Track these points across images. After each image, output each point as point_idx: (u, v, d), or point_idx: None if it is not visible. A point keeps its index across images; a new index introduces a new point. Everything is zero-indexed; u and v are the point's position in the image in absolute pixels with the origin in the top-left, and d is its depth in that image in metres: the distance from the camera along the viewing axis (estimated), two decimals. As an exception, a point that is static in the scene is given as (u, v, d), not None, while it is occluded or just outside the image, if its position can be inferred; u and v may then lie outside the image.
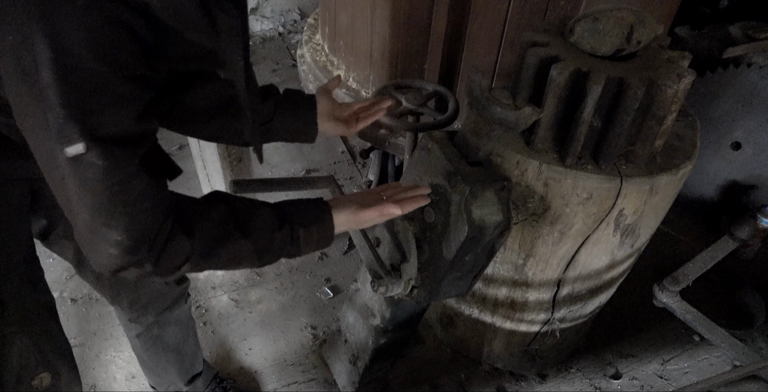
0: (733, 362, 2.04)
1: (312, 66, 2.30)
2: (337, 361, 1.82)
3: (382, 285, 1.21)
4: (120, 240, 0.80)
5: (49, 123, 0.72)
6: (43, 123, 0.73)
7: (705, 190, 2.57)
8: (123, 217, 0.79)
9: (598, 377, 2.01)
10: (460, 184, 1.11)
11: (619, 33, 1.20)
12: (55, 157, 0.74)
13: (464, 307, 1.82)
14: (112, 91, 0.73)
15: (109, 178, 0.76)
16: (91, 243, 0.82)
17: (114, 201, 0.78)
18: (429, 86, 1.68)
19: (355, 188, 2.67)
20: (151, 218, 0.82)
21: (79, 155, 0.73)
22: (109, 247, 0.81)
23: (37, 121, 0.74)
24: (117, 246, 0.81)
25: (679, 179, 1.35)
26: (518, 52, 1.34)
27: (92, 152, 0.73)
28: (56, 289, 2.18)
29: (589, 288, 1.63)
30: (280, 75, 3.44)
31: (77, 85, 0.70)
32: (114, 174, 0.76)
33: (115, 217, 0.79)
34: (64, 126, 0.72)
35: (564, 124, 1.30)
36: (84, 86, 0.71)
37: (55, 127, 0.72)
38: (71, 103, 0.71)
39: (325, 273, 2.31)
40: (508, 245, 1.51)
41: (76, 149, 0.73)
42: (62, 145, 0.73)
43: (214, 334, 2.08)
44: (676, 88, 1.18)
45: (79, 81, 0.70)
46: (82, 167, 0.74)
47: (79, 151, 0.73)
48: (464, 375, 1.99)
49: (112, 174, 0.76)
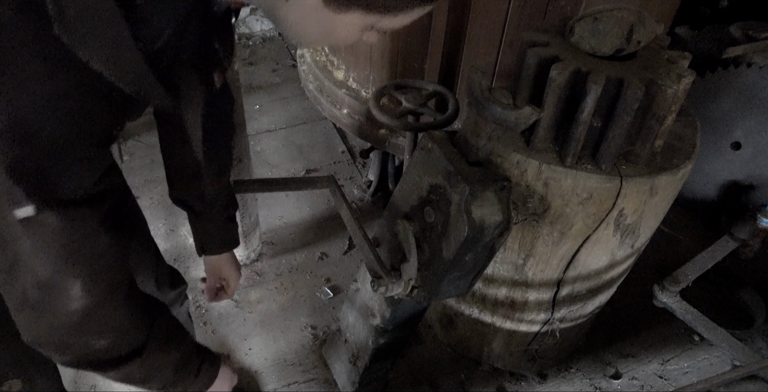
0: (733, 362, 2.04)
1: (312, 66, 2.31)
2: (337, 361, 1.82)
3: (382, 285, 1.21)
4: (80, 296, 0.77)
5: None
6: None
7: (705, 190, 2.57)
8: (82, 275, 0.76)
9: (598, 377, 2.01)
10: (460, 183, 1.11)
11: (619, 33, 1.20)
12: (4, 217, 0.69)
13: (464, 307, 1.82)
14: (73, 154, 0.70)
15: (66, 236, 0.73)
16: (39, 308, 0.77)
17: (72, 259, 0.75)
18: (429, 86, 1.68)
19: (355, 188, 2.67)
20: (114, 274, 0.80)
21: (29, 217, 0.69)
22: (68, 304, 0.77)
23: None
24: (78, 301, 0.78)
25: (679, 179, 1.35)
26: (518, 52, 1.34)
27: (44, 214, 0.70)
28: (56, 289, 2.18)
29: (589, 288, 1.63)
30: (280, 75, 3.44)
31: (30, 150, 0.67)
32: (73, 232, 0.73)
33: (72, 274, 0.76)
34: (11, 190, 0.67)
35: (564, 124, 1.30)
36: (38, 149, 0.67)
37: (2, 189, 0.67)
38: (16, 166, 0.66)
39: (325, 273, 2.31)
40: (508, 245, 1.51)
41: (25, 212, 0.69)
42: (10, 207, 0.68)
43: (214, 334, 2.08)
44: (676, 88, 1.18)
45: (32, 147, 0.66)
46: (35, 227, 0.71)
47: (28, 214, 0.69)
48: (464, 375, 1.99)
49: (70, 232, 0.73)
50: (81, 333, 0.81)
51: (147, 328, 0.89)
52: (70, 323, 0.79)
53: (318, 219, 2.53)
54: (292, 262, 2.35)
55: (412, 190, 1.26)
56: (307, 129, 3.04)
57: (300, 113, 3.13)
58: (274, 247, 2.40)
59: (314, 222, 2.52)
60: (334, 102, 2.23)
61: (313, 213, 2.56)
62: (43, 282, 0.75)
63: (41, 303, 0.77)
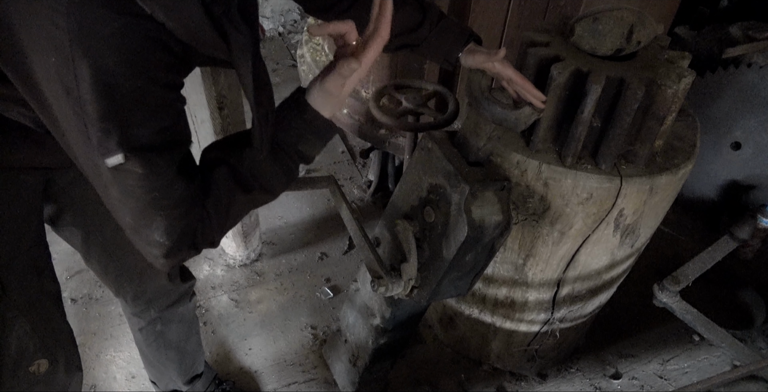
0: (733, 362, 2.04)
1: (312, 66, 2.30)
2: (337, 361, 1.82)
3: (382, 285, 1.21)
4: (161, 242, 0.86)
5: (90, 136, 0.77)
6: (85, 136, 0.77)
7: (705, 190, 2.57)
8: (163, 221, 0.85)
9: (598, 377, 2.01)
10: (460, 183, 1.11)
11: (619, 33, 1.20)
12: (98, 167, 0.79)
13: (464, 307, 1.82)
14: (149, 103, 0.78)
15: (148, 184, 0.81)
16: (137, 243, 0.89)
17: (154, 206, 0.83)
18: (429, 86, 1.68)
19: (355, 188, 2.67)
20: (188, 221, 0.87)
21: (119, 165, 0.78)
22: (151, 248, 0.87)
23: (79, 134, 0.78)
24: (159, 247, 0.87)
25: (679, 179, 1.35)
26: (518, 52, 1.34)
27: (131, 161, 0.78)
28: (56, 289, 2.18)
29: (589, 288, 1.63)
30: (280, 75, 3.44)
31: (115, 101, 0.75)
32: (153, 180, 0.81)
33: (155, 221, 0.84)
34: (103, 139, 0.76)
35: (564, 124, 1.30)
36: (122, 101, 0.75)
37: (96, 140, 0.77)
38: (109, 118, 0.75)
39: (325, 273, 2.31)
40: (508, 245, 1.51)
41: (116, 159, 0.78)
42: (103, 156, 0.78)
43: (214, 334, 2.08)
44: (676, 88, 1.18)
45: (117, 97, 0.75)
46: (123, 175, 0.80)
47: (119, 161, 0.78)
48: (464, 375, 1.99)
49: (152, 180, 0.81)
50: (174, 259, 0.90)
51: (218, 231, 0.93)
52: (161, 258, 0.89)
53: (318, 220, 2.53)
54: (292, 262, 2.35)
55: (412, 190, 1.27)
56: (307, 129, 3.04)
57: (300, 113, 3.13)
58: (274, 247, 2.40)
59: (314, 222, 2.52)
60: (334, 102, 2.22)
61: (313, 213, 2.56)
62: (131, 227, 0.86)
63: (139, 242, 0.88)
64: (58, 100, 0.76)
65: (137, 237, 0.87)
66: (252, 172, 0.93)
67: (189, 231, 0.88)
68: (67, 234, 1.31)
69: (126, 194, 0.82)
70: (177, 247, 0.88)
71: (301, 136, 0.96)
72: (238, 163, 0.92)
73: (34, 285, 1.16)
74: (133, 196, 0.82)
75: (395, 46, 1.26)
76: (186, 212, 0.87)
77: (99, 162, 0.79)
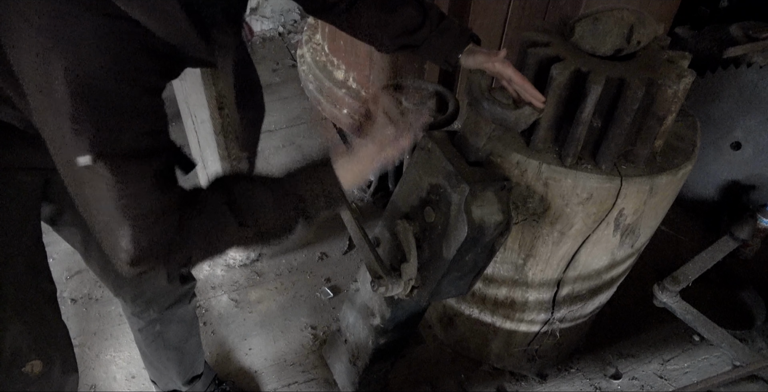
0: (733, 362, 2.04)
1: (312, 66, 2.30)
2: (337, 361, 1.82)
3: (382, 285, 1.21)
4: (127, 249, 0.83)
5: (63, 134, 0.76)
6: (59, 132, 0.76)
7: (705, 190, 2.57)
8: (130, 229, 0.82)
9: (598, 377, 2.01)
10: (460, 183, 1.11)
11: (619, 33, 1.20)
12: (71, 164, 0.78)
13: (464, 307, 1.82)
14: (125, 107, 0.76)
15: (118, 190, 0.79)
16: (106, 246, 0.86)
17: (122, 212, 0.81)
18: (429, 86, 1.68)
19: (355, 188, 2.67)
20: (157, 232, 0.84)
21: (88, 166, 0.77)
22: (117, 253, 0.85)
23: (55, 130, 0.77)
24: (124, 253, 0.84)
25: (679, 179, 1.35)
26: (518, 52, 1.34)
27: (100, 165, 0.77)
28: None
29: (589, 288, 1.63)
30: (280, 75, 3.44)
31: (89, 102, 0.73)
32: (122, 188, 0.79)
33: (123, 227, 0.82)
34: (76, 139, 0.75)
35: (564, 124, 1.30)
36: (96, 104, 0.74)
37: (68, 138, 0.76)
38: (82, 119, 0.74)
39: (325, 273, 2.31)
40: (508, 245, 1.51)
41: (85, 160, 0.76)
42: (74, 154, 0.76)
43: (214, 334, 2.08)
44: (676, 88, 1.18)
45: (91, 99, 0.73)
46: (94, 177, 0.78)
47: (87, 162, 0.76)
48: (464, 375, 1.99)
49: (121, 188, 0.79)
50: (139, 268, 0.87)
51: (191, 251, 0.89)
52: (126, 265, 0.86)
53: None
54: (292, 262, 2.35)
55: (412, 190, 1.27)
56: (307, 129, 3.04)
57: (300, 113, 3.13)
58: (274, 247, 2.40)
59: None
60: (334, 102, 2.22)
61: (313, 213, 2.56)
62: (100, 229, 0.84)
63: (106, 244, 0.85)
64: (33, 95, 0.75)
65: (105, 240, 0.85)
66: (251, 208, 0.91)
67: (159, 243, 0.85)
68: (67, 234, 1.30)
69: (96, 196, 0.80)
70: (143, 257, 0.85)
71: (312, 192, 0.95)
72: (240, 195, 0.91)
73: (30, 286, 1.15)
74: (102, 199, 0.80)
75: (395, 47, 1.26)
76: (155, 223, 0.84)
77: (72, 159, 0.77)
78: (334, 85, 2.19)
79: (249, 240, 0.94)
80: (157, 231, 0.84)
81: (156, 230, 0.84)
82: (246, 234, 0.92)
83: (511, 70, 1.15)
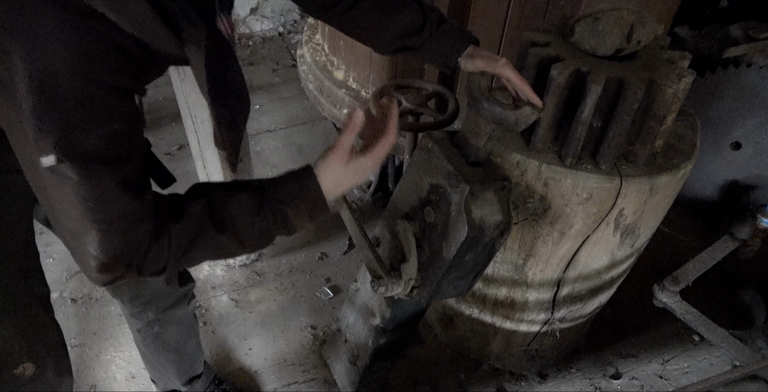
0: (733, 362, 2.04)
1: (312, 66, 2.30)
2: (337, 361, 1.82)
3: (382, 285, 1.21)
4: (95, 255, 0.80)
5: (26, 132, 0.72)
6: (21, 131, 0.73)
7: (705, 190, 2.57)
8: (98, 234, 0.78)
9: (598, 377, 2.01)
10: (460, 183, 1.11)
11: (619, 33, 1.20)
12: (36, 165, 0.74)
13: (464, 307, 1.82)
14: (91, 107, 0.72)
15: (83, 193, 0.75)
16: (73, 252, 0.83)
17: (89, 217, 0.77)
18: (429, 86, 1.68)
19: (355, 188, 2.67)
20: (128, 239, 0.81)
21: (52, 166, 0.73)
22: (86, 259, 0.81)
23: (18, 130, 0.74)
24: (93, 260, 0.80)
25: (679, 179, 1.35)
26: (518, 52, 1.34)
27: (65, 165, 0.73)
28: (56, 289, 2.18)
29: (589, 288, 1.63)
30: (280, 75, 3.44)
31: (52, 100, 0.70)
32: (89, 191, 0.75)
33: (91, 233, 0.78)
34: (39, 137, 0.72)
35: (564, 124, 1.30)
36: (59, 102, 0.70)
37: (32, 137, 0.72)
38: (45, 117, 0.70)
39: (325, 273, 2.31)
40: (508, 245, 1.51)
41: (49, 160, 0.73)
42: (38, 154, 0.73)
43: (214, 334, 2.08)
44: (676, 88, 1.18)
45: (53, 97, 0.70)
46: (59, 178, 0.74)
47: (51, 163, 0.73)
48: (464, 375, 1.99)
49: (87, 191, 0.75)
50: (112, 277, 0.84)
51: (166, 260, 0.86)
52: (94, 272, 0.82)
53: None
54: (292, 262, 2.35)
55: (412, 190, 1.26)
56: (307, 129, 3.04)
57: (300, 113, 3.13)
58: (274, 247, 2.40)
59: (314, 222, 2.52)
60: (334, 102, 2.23)
61: (313, 213, 2.56)
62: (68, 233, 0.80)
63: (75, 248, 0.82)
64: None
65: (72, 246, 0.82)
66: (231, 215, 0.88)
67: (130, 250, 0.81)
68: None
69: (62, 199, 0.76)
70: (112, 264, 0.81)
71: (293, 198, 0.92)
72: (220, 201, 0.88)
73: (21, 288, 1.14)
74: (68, 203, 0.76)
75: (395, 49, 1.25)
76: (126, 229, 0.80)
77: (36, 160, 0.74)
78: (334, 85, 2.19)
79: (227, 249, 0.91)
80: (128, 239, 0.80)
81: (127, 237, 0.80)
82: (224, 242, 0.89)
83: (511, 71, 1.15)
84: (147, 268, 0.85)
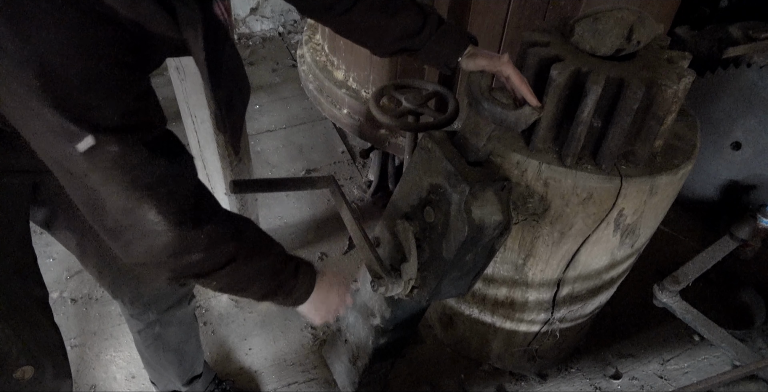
0: (733, 362, 2.04)
1: (312, 66, 2.30)
2: (337, 361, 1.82)
3: (382, 285, 1.21)
4: (158, 221, 0.81)
5: (49, 126, 0.72)
6: (42, 127, 0.73)
7: (705, 190, 2.57)
8: (151, 200, 0.80)
9: (598, 377, 2.01)
10: (460, 183, 1.11)
11: (619, 33, 1.20)
12: (69, 156, 0.75)
13: (464, 307, 1.82)
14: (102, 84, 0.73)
15: (125, 163, 0.76)
16: (131, 233, 0.83)
17: (136, 185, 0.79)
18: (429, 86, 1.68)
19: (355, 188, 2.67)
20: (180, 198, 0.83)
21: (90, 148, 0.73)
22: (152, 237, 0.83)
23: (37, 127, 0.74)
24: (159, 225, 0.82)
25: (679, 179, 1.35)
26: (518, 52, 1.34)
27: (103, 141, 0.74)
28: (56, 289, 2.18)
29: (589, 288, 1.63)
30: (280, 75, 3.44)
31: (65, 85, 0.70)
32: (129, 159, 0.77)
33: (144, 201, 0.80)
34: (65, 126, 0.72)
35: (564, 124, 1.30)
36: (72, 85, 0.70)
37: (57, 129, 0.72)
38: (62, 105, 0.71)
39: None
40: (508, 245, 1.51)
41: (86, 143, 0.73)
42: (72, 143, 0.73)
43: (214, 334, 2.08)
44: (676, 88, 1.18)
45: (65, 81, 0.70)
46: (98, 158, 0.75)
47: (90, 144, 0.73)
48: (464, 375, 1.99)
49: (127, 159, 0.76)
50: (173, 252, 0.85)
51: (235, 240, 0.92)
52: (161, 244, 0.83)
53: (318, 220, 2.53)
54: (292, 262, 2.35)
55: (412, 190, 1.26)
56: (307, 129, 3.04)
57: (300, 113, 3.13)
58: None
59: (314, 222, 2.52)
60: (334, 102, 2.22)
61: (313, 213, 2.56)
62: (123, 209, 0.80)
63: (131, 228, 0.82)
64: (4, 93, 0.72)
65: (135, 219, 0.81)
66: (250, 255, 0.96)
67: (184, 210, 0.84)
68: (62, 238, 1.28)
69: (107, 178, 0.77)
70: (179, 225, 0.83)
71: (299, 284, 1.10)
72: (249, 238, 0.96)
73: (19, 291, 1.13)
74: (114, 180, 0.77)
75: (394, 51, 1.25)
76: (173, 191, 0.82)
77: (69, 150, 0.74)
78: (334, 85, 2.19)
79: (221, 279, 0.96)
80: (179, 198, 0.83)
81: (178, 197, 0.83)
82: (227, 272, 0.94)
83: (512, 69, 1.14)
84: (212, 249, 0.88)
